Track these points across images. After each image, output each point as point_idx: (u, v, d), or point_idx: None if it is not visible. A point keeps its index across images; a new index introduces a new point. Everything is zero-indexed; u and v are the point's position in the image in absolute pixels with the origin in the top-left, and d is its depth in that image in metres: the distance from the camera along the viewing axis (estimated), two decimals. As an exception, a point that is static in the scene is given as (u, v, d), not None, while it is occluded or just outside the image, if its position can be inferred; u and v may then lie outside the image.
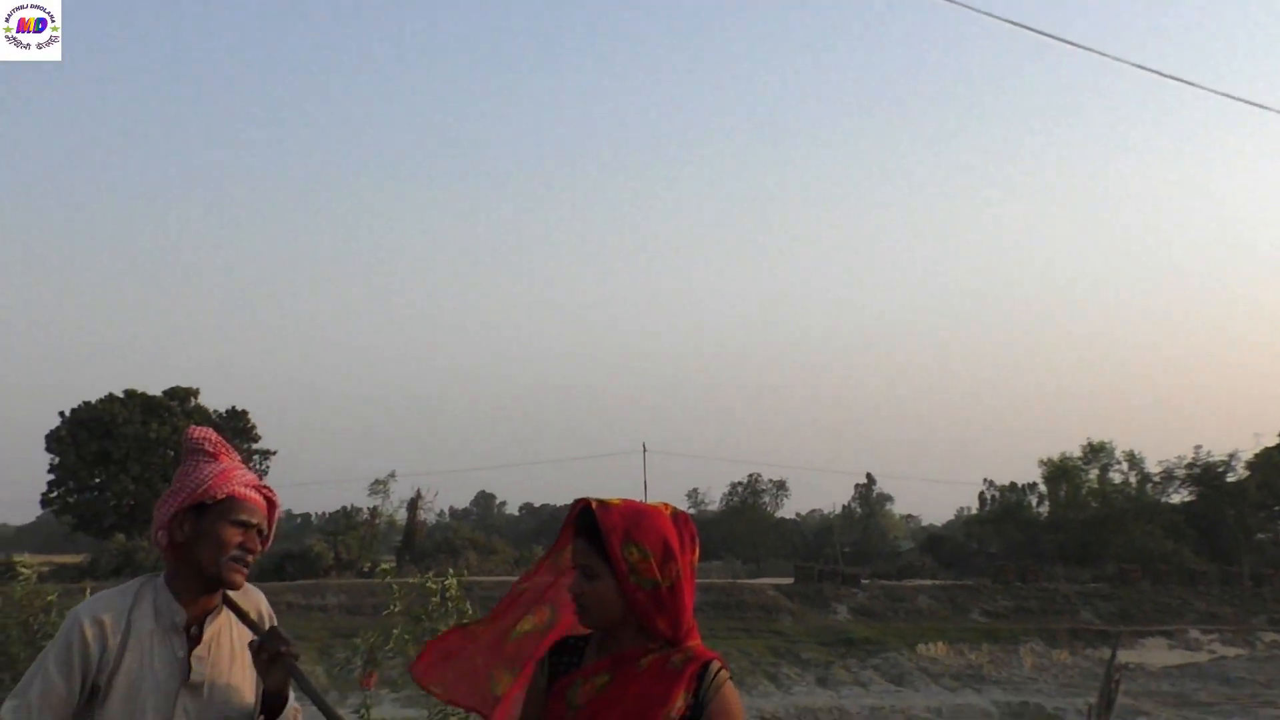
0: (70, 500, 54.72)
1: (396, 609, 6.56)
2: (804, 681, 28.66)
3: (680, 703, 2.54)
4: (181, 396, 56.20)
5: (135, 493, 53.30)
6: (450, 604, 6.43)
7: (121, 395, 55.25)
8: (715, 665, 2.62)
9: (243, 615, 3.05)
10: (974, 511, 74.32)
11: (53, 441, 54.18)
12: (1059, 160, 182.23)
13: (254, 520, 3.02)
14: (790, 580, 40.93)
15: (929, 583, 43.16)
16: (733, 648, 30.52)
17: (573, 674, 2.71)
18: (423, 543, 52.53)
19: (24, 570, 9.58)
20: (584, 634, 2.81)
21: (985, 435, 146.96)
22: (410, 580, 6.90)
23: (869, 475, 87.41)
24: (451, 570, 6.89)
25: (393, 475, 57.04)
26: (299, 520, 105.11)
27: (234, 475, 3.01)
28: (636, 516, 2.65)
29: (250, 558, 2.99)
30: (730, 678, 2.65)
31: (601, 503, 2.69)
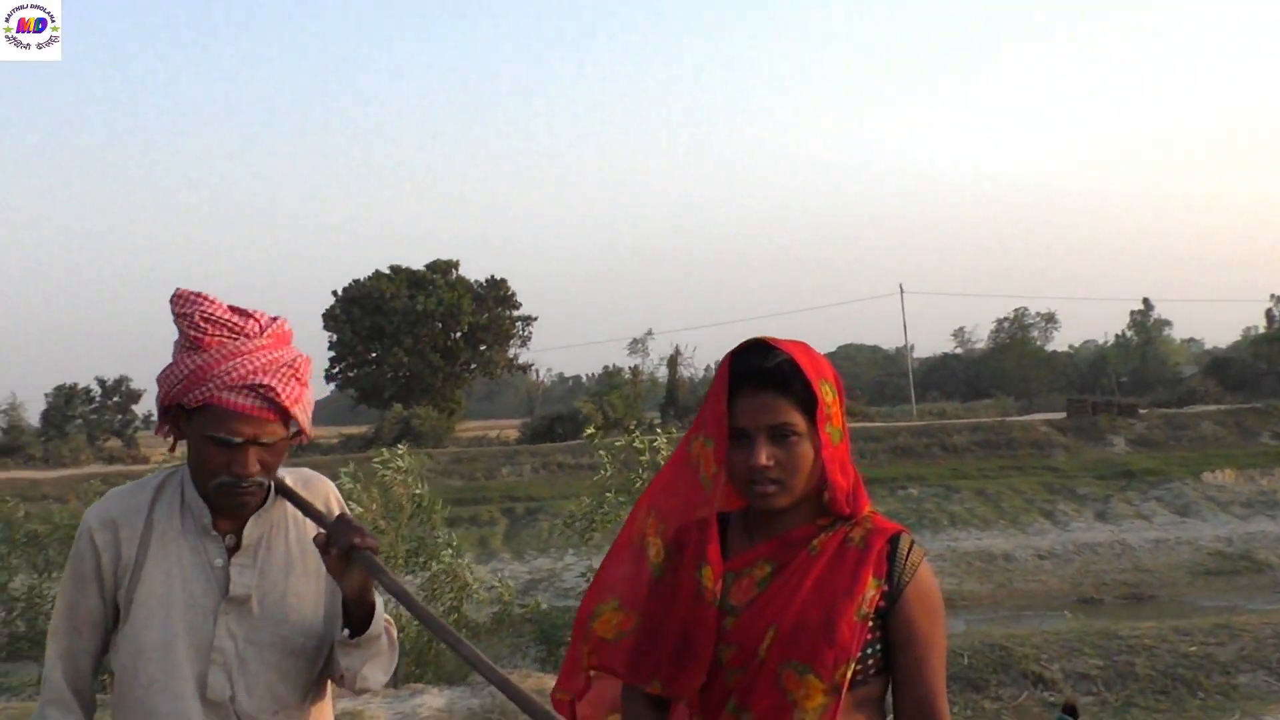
0: (351, 375, 57.57)
1: (608, 472, 6.31)
2: (1082, 517, 27.71)
3: (872, 591, 2.00)
4: (443, 269, 57.80)
5: (409, 364, 55.52)
6: (660, 461, 6.11)
7: (388, 271, 57.28)
8: (906, 540, 2.07)
9: (303, 504, 2.39)
10: (1261, 330, 69.87)
11: (329, 320, 56.81)
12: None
13: (239, 436, 2.25)
14: (1062, 415, 39.38)
15: (1213, 408, 40.79)
16: (1005, 486, 29.73)
17: (715, 565, 2.10)
18: (686, 398, 53.02)
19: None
20: (701, 515, 2.19)
21: (1271, 248, 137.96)
22: (618, 443, 6.65)
23: (1145, 300, 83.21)
24: (661, 429, 6.56)
25: (650, 334, 57.88)
26: (570, 382, 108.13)
27: (215, 372, 2.25)
28: (807, 348, 2.12)
29: (247, 483, 2.28)
30: (925, 554, 2.10)
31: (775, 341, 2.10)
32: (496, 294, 59.21)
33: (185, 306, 2.29)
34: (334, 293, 57.46)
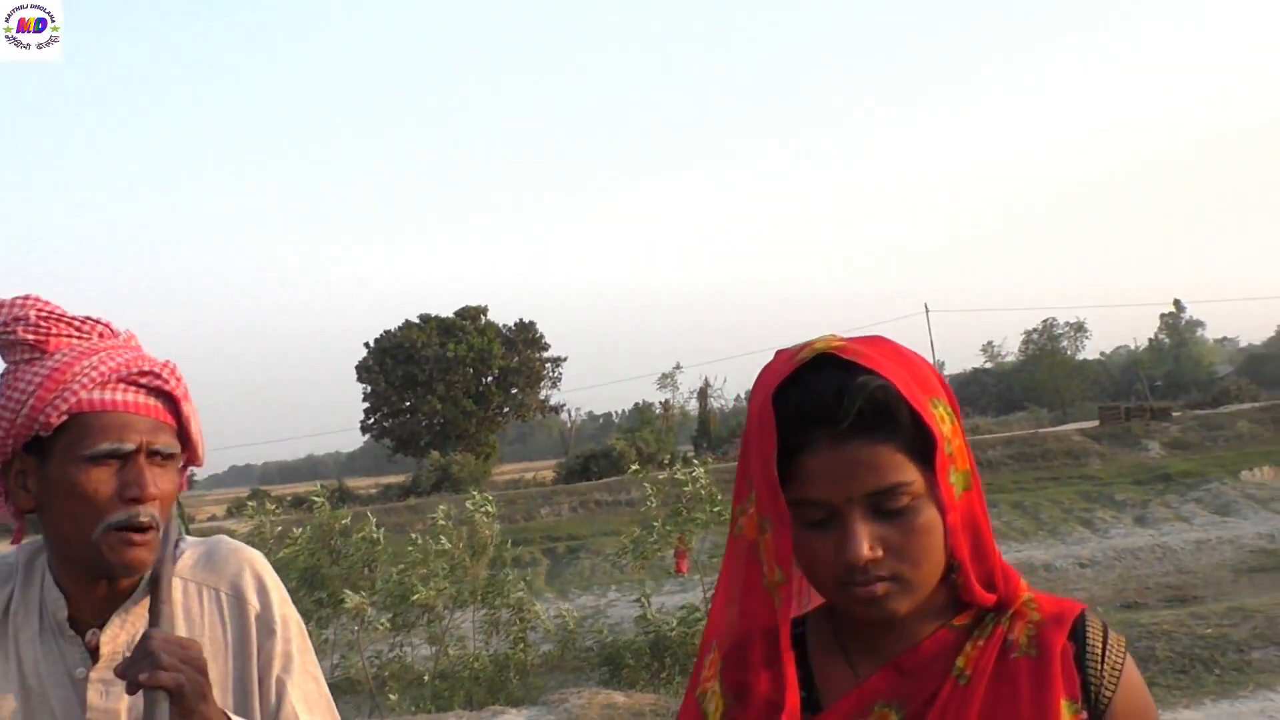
0: (386, 425, 58.16)
1: (655, 504, 6.63)
2: (1121, 523, 27.73)
3: (1067, 717, 1.26)
4: (472, 315, 58.36)
5: (443, 411, 56.03)
6: (702, 493, 6.45)
7: (418, 320, 57.90)
8: (1096, 627, 1.33)
9: (154, 600, 1.70)
10: (1295, 326, 69.63)
11: (362, 371, 57.46)
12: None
13: (132, 441, 1.67)
14: (1095, 423, 39.44)
15: (1248, 406, 40.76)
16: (1042, 498, 29.80)
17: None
18: (717, 429, 53.25)
19: (316, 499, 10.17)
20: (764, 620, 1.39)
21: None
22: (661, 476, 6.99)
23: (1177, 302, 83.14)
24: (698, 460, 6.90)
25: (678, 367, 58.05)
26: (600, 420, 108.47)
27: (75, 371, 1.67)
28: (892, 347, 1.36)
29: (146, 514, 1.67)
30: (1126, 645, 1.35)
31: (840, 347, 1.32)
32: (525, 337, 59.71)
33: (13, 310, 1.71)
34: (366, 344, 58.13)
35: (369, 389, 57.54)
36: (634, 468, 8.51)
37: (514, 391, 59.14)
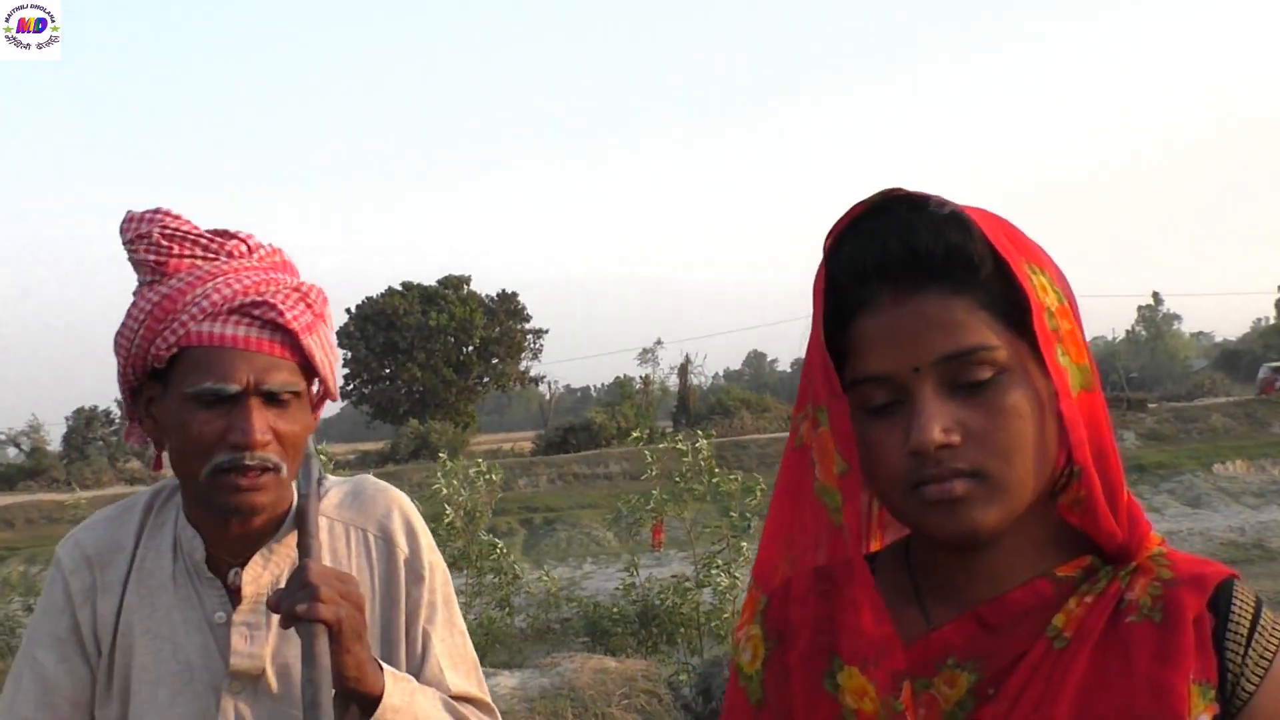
0: (365, 391, 58.09)
1: (653, 473, 6.74)
2: (1094, 512, 28.00)
3: (1199, 704, 0.96)
4: (455, 284, 58.23)
5: (423, 379, 56.00)
6: (702, 464, 6.56)
7: (400, 288, 57.80)
8: (1246, 596, 1.02)
9: (303, 534, 1.58)
10: (1271, 321, 70.30)
11: (343, 337, 57.14)
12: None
13: (234, 383, 1.52)
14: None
15: (1223, 400, 41.21)
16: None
17: (876, 662, 1.04)
18: (696, 406, 53.39)
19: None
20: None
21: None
22: (662, 445, 7.10)
23: (1155, 295, 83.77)
24: (700, 432, 7.02)
25: (659, 343, 58.13)
26: (579, 394, 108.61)
27: (188, 299, 1.54)
28: (998, 219, 1.08)
29: (255, 457, 1.52)
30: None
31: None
32: (507, 308, 59.65)
33: (139, 226, 1.58)
34: (347, 310, 57.93)
35: (349, 355, 57.36)
36: (634, 434, 8.58)
37: (494, 362, 59.12)
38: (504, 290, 60.39)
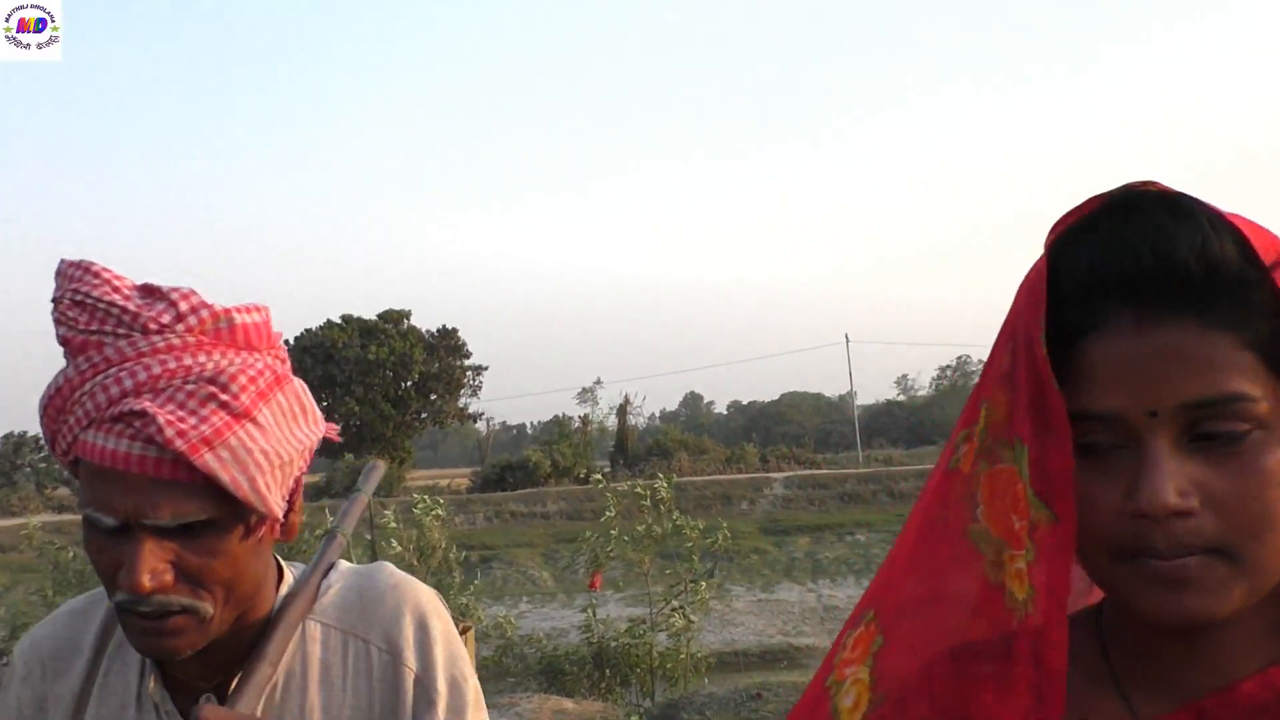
0: (302, 425, 57.54)
1: (613, 514, 6.81)
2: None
3: None
4: (395, 319, 58.05)
5: (360, 413, 55.62)
6: (661, 506, 6.66)
7: (339, 320, 57.49)
8: None
9: (249, 667, 1.30)
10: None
11: (280, 370, 56.80)
12: None
13: (112, 515, 1.18)
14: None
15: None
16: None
17: None
18: (635, 447, 53.48)
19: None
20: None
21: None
22: (622, 486, 7.17)
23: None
24: (660, 474, 7.13)
25: (599, 382, 58.26)
26: (514, 431, 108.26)
27: (79, 393, 1.20)
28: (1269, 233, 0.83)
29: (151, 603, 1.18)
30: None
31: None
32: (447, 343, 59.49)
33: (58, 284, 1.23)
34: (286, 341, 56.16)
35: (285, 387, 56.92)
36: (596, 477, 8.67)
37: (433, 398, 58.90)
38: (444, 326, 60.27)
